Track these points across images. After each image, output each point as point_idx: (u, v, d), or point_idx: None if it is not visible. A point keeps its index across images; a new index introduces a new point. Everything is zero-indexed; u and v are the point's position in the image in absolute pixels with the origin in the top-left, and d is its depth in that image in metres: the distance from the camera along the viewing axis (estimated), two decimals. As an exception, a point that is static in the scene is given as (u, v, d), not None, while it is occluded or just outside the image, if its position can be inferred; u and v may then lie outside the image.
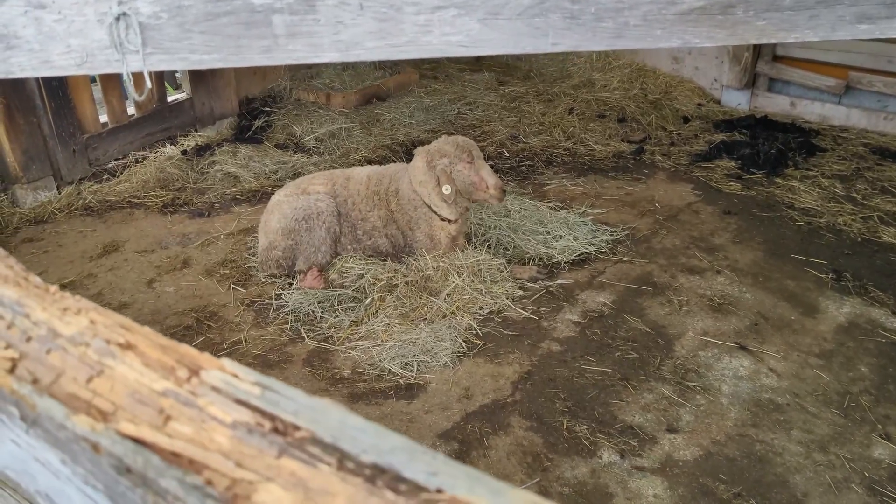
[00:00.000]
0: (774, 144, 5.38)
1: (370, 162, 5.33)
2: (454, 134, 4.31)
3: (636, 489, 2.63)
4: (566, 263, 4.06)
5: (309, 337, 3.51)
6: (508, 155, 5.56)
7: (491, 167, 3.85)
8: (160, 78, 5.68)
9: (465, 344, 3.41)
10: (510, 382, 3.19)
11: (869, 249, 4.16)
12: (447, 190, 3.72)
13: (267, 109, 6.26)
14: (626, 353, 3.35)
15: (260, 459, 0.62)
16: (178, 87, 6.29)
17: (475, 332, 3.50)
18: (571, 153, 5.59)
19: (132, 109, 5.54)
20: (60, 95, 4.86)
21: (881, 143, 5.53)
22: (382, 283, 3.74)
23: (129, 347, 0.78)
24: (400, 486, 0.56)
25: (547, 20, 1.34)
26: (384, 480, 0.57)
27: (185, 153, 5.52)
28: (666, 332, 3.50)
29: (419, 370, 3.26)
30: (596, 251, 4.16)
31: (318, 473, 0.59)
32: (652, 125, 6.02)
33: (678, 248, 4.24)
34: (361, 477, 0.58)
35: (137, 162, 5.37)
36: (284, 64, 1.41)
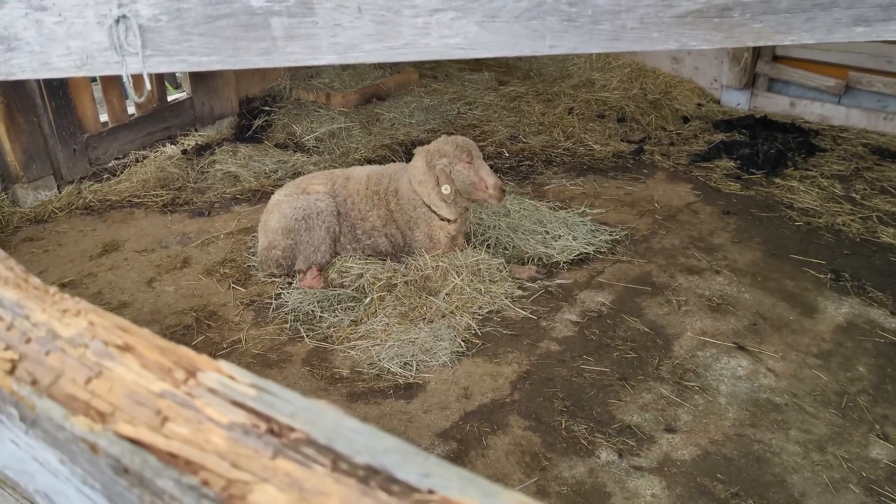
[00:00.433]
0: (774, 144, 5.38)
1: (370, 161, 5.33)
2: (454, 134, 4.32)
3: (634, 489, 2.64)
4: (565, 263, 4.07)
5: (308, 336, 3.52)
6: (508, 155, 5.57)
7: (490, 167, 3.86)
8: (160, 77, 5.68)
9: (463, 343, 3.42)
10: (509, 382, 3.20)
11: (868, 250, 4.17)
12: (446, 190, 3.73)
13: (267, 109, 6.27)
14: (624, 352, 3.36)
15: (255, 460, 0.63)
16: (178, 86, 6.29)
17: (474, 331, 3.51)
18: (571, 153, 5.59)
19: (132, 109, 5.54)
20: (61, 95, 4.87)
21: (881, 143, 5.53)
22: (382, 282, 3.75)
23: (127, 349, 0.78)
24: (393, 486, 0.57)
25: (544, 23, 1.34)
26: (377, 481, 0.58)
27: (185, 153, 5.53)
28: (664, 332, 3.50)
29: (418, 370, 3.27)
30: (595, 251, 4.17)
31: (312, 474, 0.60)
32: (651, 125, 6.03)
33: (677, 248, 4.25)
34: (355, 478, 0.59)
35: (138, 161, 5.38)
36: (283, 66, 1.41)
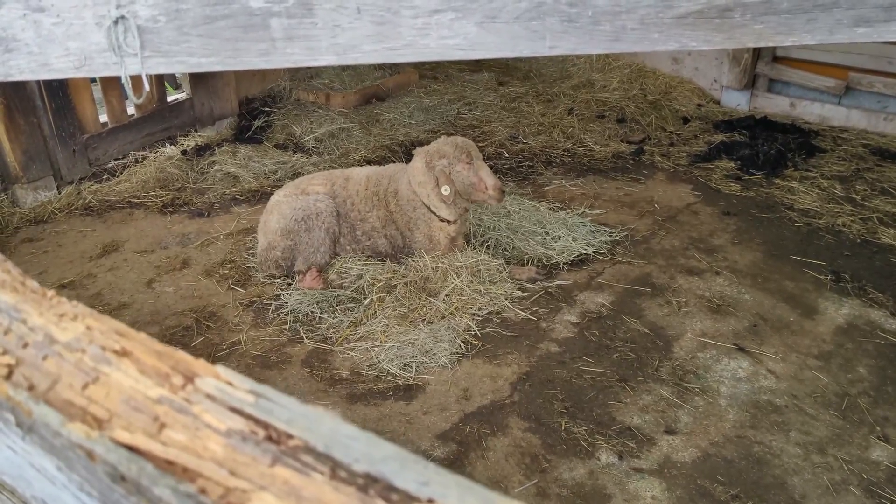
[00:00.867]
0: (774, 145, 5.38)
1: (369, 162, 5.32)
2: (453, 134, 4.31)
3: (634, 490, 2.64)
4: (565, 264, 4.06)
5: (308, 337, 3.52)
6: (508, 155, 5.56)
7: (490, 168, 3.85)
8: (160, 78, 5.67)
9: (463, 345, 3.41)
10: (509, 383, 3.20)
11: (868, 251, 4.16)
12: (446, 191, 3.72)
13: (266, 109, 6.26)
14: (624, 354, 3.35)
15: (254, 468, 0.62)
16: (178, 86, 6.28)
17: (474, 332, 3.50)
18: (571, 154, 5.59)
19: (132, 109, 5.53)
20: (60, 95, 4.86)
21: (881, 143, 5.52)
22: (381, 283, 3.74)
23: (124, 354, 0.78)
24: (391, 495, 0.57)
25: (544, 23, 1.34)
26: (376, 489, 0.57)
27: (184, 153, 5.52)
28: (664, 333, 3.50)
29: (418, 371, 3.27)
30: (595, 252, 4.16)
31: (311, 482, 0.60)
32: (651, 126, 6.02)
33: (677, 248, 4.24)
34: (354, 486, 0.58)
35: (137, 162, 5.37)
36: (282, 67, 1.41)
